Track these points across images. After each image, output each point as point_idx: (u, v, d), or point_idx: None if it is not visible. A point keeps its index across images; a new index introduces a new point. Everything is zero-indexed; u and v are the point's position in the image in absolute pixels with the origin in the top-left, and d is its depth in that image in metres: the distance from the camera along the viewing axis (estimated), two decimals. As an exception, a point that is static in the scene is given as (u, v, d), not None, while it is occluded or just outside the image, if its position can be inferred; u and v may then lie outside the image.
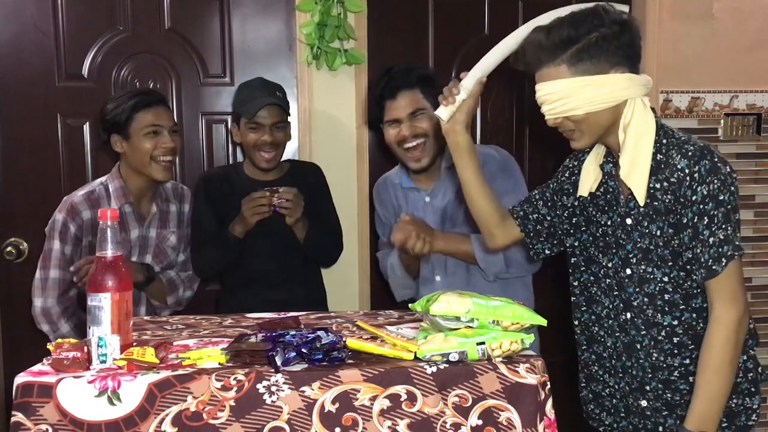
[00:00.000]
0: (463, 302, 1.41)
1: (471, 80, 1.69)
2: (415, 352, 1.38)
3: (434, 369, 1.33)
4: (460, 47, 2.93)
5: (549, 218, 1.78)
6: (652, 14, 2.93)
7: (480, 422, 1.33)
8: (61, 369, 1.32)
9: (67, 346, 1.34)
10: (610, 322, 1.66)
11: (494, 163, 2.20)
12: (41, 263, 2.24)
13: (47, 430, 1.27)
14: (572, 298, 1.77)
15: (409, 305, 1.59)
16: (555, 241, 1.80)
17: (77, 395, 1.27)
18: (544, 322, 1.44)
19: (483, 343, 1.37)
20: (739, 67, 3.02)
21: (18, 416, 1.27)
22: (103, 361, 1.33)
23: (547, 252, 1.82)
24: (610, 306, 1.66)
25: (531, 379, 1.35)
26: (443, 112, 1.71)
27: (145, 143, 2.21)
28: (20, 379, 1.30)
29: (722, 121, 3.04)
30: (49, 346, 1.37)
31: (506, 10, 2.99)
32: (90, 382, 1.28)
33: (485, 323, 1.40)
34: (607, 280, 1.66)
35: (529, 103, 3.03)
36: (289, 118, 2.42)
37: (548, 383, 1.37)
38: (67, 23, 2.71)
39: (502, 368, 1.35)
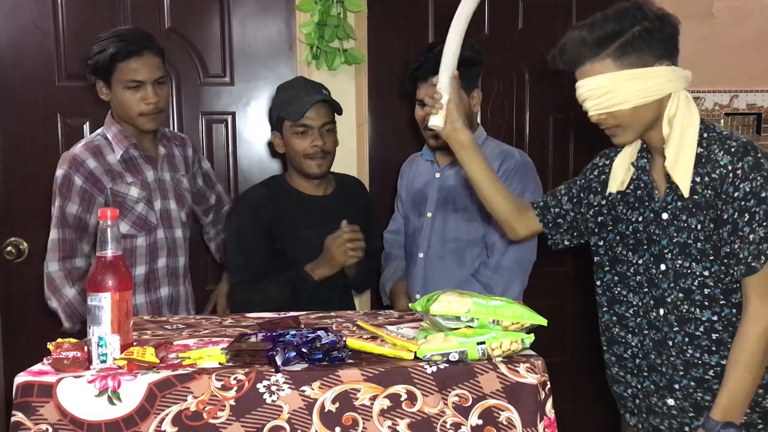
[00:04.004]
0: (463, 302, 1.41)
1: (444, 78, 1.71)
2: (415, 352, 1.38)
3: (434, 369, 1.33)
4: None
5: (572, 214, 1.78)
6: (652, 14, 2.93)
7: (480, 422, 1.33)
8: (61, 369, 1.32)
9: (67, 345, 1.35)
10: (638, 320, 1.65)
11: (512, 162, 2.23)
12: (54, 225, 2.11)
13: (47, 429, 1.27)
14: (596, 297, 1.76)
15: (409, 305, 1.59)
16: (575, 234, 1.80)
17: (77, 395, 1.27)
18: (544, 321, 1.44)
19: (483, 342, 1.37)
20: (739, 67, 3.02)
21: (18, 416, 1.27)
22: (104, 361, 1.33)
23: (566, 243, 1.82)
24: (639, 304, 1.64)
25: (531, 379, 1.35)
26: (437, 120, 1.72)
27: (127, 97, 2.08)
28: (20, 378, 1.30)
29: (722, 121, 3.04)
30: (49, 346, 1.37)
31: (506, 10, 2.99)
32: (90, 382, 1.28)
33: (485, 323, 1.40)
34: (637, 278, 1.64)
35: (530, 102, 3.06)
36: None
37: (548, 383, 1.37)
38: (67, 23, 2.71)
39: (503, 368, 1.35)
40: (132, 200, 2.13)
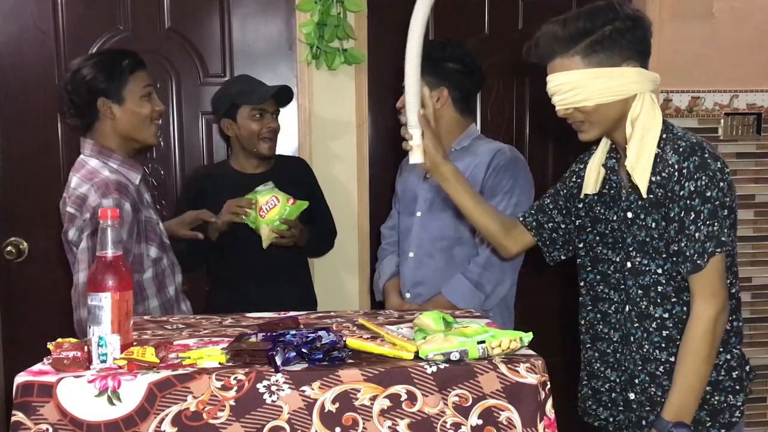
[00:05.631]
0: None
1: (412, 115, 1.71)
2: (416, 352, 1.38)
3: (434, 369, 1.33)
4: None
5: (564, 225, 1.80)
6: (652, 14, 2.93)
7: (480, 422, 1.33)
8: (61, 368, 1.32)
9: (67, 345, 1.34)
10: (619, 316, 1.68)
11: (503, 159, 2.24)
12: (85, 263, 1.89)
13: (47, 429, 1.27)
14: (580, 298, 1.78)
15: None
16: (570, 247, 1.83)
17: (77, 395, 1.27)
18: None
19: (483, 342, 1.37)
20: (739, 67, 3.02)
21: (18, 416, 1.27)
22: (104, 361, 1.33)
23: (562, 257, 1.85)
24: (620, 300, 1.68)
25: (531, 379, 1.35)
26: (415, 157, 1.73)
27: (143, 107, 2.04)
28: (20, 378, 1.30)
29: (722, 121, 3.04)
30: (50, 346, 1.36)
31: (506, 10, 2.99)
32: (90, 382, 1.28)
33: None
34: (617, 275, 1.68)
35: (530, 102, 3.06)
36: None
37: (548, 383, 1.37)
38: (67, 23, 2.71)
39: (503, 368, 1.35)
40: (155, 222, 2.08)
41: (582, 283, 1.77)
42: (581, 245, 1.76)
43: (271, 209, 2.28)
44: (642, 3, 2.95)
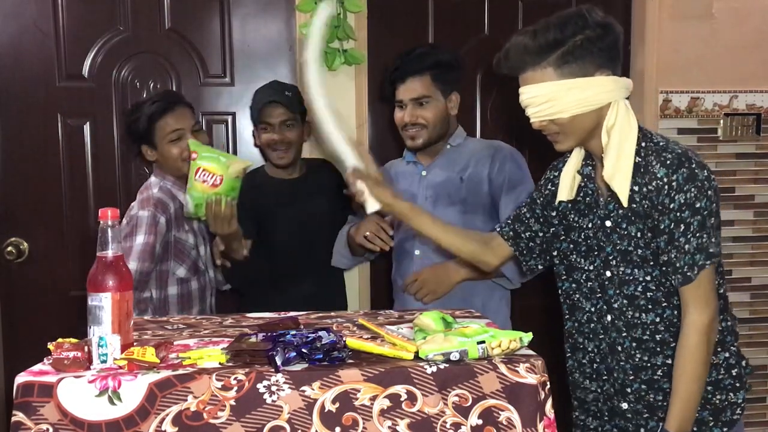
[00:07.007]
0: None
1: (350, 163, 1.77)
2: (416, 352, 1.38)
3: (434, 369, 1.34)
4: (460, 47, 2.93)
5: (542, 234, 1.78)
6: (652, 14, 2.94)
7: (480, 422, 1.33)
8: (61, 369, 1.32)
9: (68, 345, 1.35)
10: (593, 325, 1.67)
11: (506, 152, 2.31)
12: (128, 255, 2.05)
13: (48, 429, 1.27)
14: (561, 306, 1.79)
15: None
16: (548, 256, 1.81)
17: (78, 395, 1.28)
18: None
19: (483, 342, 1.37)
20: (738, 67, 3.02)
21: (18, 416, 1.27)
22: (104, 361, 1.34)
23: (540, 267, 1.84)
24: (592, 309, 1.67)
25: (531, 379, 1.35)
26: (371, 205, 1.76)
27: (172, 150, 2.20)
28: (21, 378, 1.30)
29: (722, 121, 3.04)
30: (50, 346, 1.37)
31: (506, 10, 2.99)
32: (90, 382, 1.28)
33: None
34: (589, 284, 1.67)
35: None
36: (306, 118, 2.42)
37: (548, 383, 1.37)
38: (67, 23, 2.72)
39: (502, 368, 1.35)
40: (190, 246, 2.23)
41: (559, 292, 1.77)
42: (555, 253, 1.76)
43: (206, 180, 2.08)
44: (642, 3, 2.95)
